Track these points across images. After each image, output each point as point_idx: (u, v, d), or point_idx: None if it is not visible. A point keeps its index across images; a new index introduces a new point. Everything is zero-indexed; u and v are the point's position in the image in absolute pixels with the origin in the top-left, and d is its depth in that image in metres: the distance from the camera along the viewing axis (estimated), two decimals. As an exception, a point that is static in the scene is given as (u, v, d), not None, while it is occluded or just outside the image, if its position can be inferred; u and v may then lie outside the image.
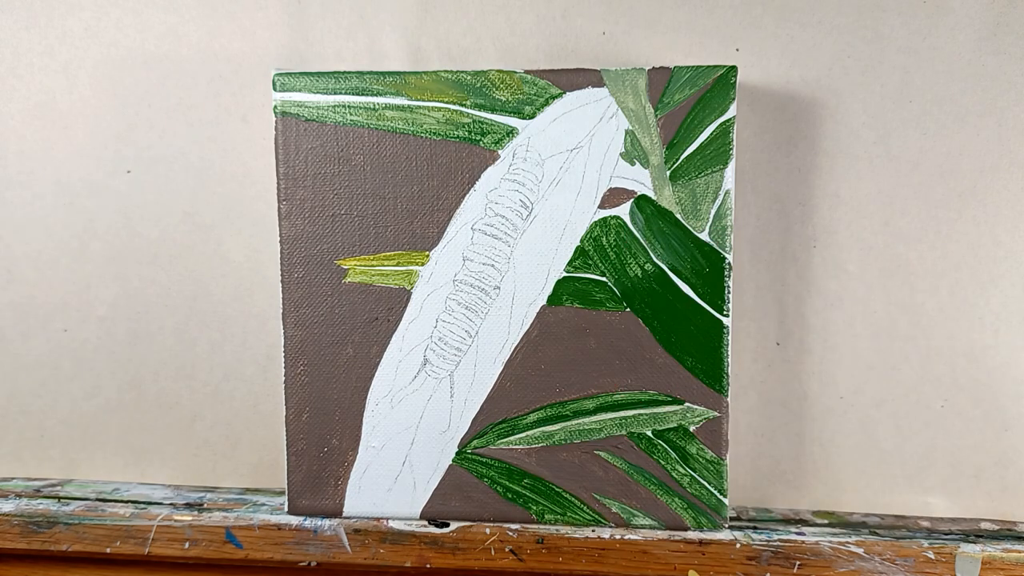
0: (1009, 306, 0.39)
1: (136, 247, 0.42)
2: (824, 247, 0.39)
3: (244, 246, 0.42)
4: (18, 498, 0.42)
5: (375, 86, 0.37)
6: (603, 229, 0.37)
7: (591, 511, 0.38)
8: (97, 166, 0.42)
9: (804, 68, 0.38)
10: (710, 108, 0.36)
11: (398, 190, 0.38)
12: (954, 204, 0.39)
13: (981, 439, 0.40)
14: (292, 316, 0.38)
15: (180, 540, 0.40)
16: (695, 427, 0.38)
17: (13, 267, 0.43)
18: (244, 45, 0.40)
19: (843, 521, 0.40)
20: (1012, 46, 0.38)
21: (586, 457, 0.38)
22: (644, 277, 0.37)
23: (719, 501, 0.38)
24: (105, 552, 0.40)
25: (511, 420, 0.38)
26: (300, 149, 0.38)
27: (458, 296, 0.38)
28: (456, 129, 0.37)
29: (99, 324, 0.43)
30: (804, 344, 0.40)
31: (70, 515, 0.41)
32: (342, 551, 0.39)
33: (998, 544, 0.38)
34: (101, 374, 0.43)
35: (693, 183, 0.36)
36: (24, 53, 0.41)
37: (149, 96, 0.41)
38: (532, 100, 0.37)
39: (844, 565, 0.38)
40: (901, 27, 0.38)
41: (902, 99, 0.38)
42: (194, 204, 0.42)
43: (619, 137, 0.37)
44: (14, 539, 0.41)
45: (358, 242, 0.38)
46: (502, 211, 0.37)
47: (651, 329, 0.37)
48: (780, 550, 0.38)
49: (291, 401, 0.39)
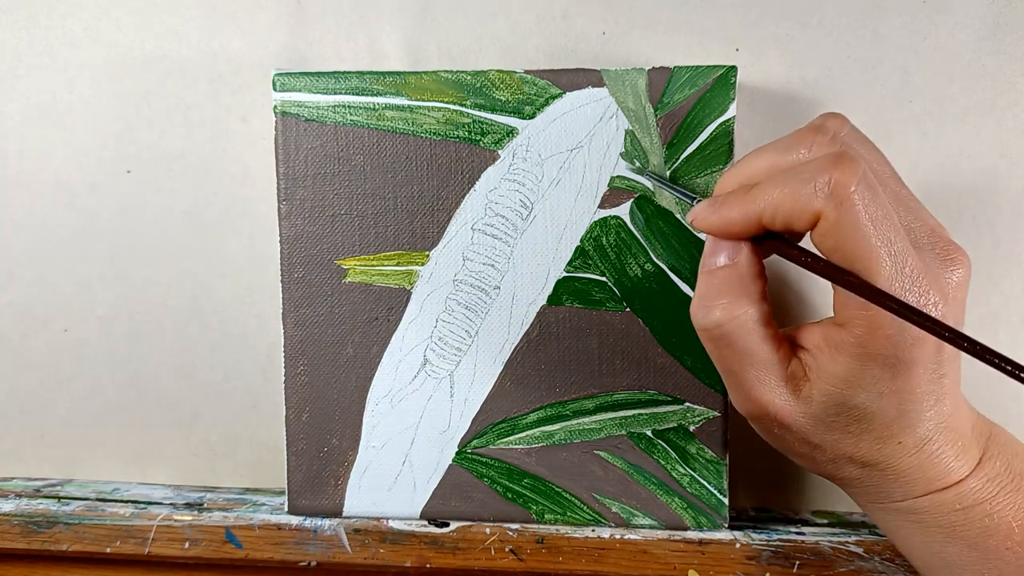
0: (1009, 306, 0.39)
1: (136, 247, 0.42)
2: (824, 247, 0.39)
3: (244, 246, 0.42)
4: (18, 498, 0.42)
5: (375, 86, 0.37)
6: (603, 229, 0.37)
7: (591, 511, 0.38)
8: (97, 166, 0.42)
9: (804, 68, 0.38)
10: (710, 108, 0.36)
11: (398, 190, 0.38)
12: (954, 204, 0.39)
13: (981, 439, 0.40)
14: (292, 316, 0.38)
15: (180, 540, 0.40)
16: (695, 427, 0.38)
17: (13, 267, 0.43)
18: (244, 45, 0.40)
19: (843, 521, 0.40)
20: (1012, 46, 0.38)
21: (586, 457, 0.38)
22: (644, 277, 0.37)
23: (719, 501, 0.38)
24: (105, 552, 0.40)
25: (511, 420, 0.38)
26: (300, 149, 0.38)
27: (458, 296, 0.38)
28: (456, 129, 0.37)
29: (99, 324, 0.43)
30: (804, 344, 0.40)
31: (70, 515, 0.41)
32: (342, 551, 0.39)
33: (998, 544, 0.38)
34: (101, 374, 0.43)
35: (693, 183, 0.36)
36: (24, 53, 0.41)
37: (149, 96, 0.41)
38: (532, 100, 0.37)
39: (844, 565, 0.38)
40: (901, 27, 0.38)
41: (902, 99, 0.38)
42: (194, 204, 0.42)
43: (619, 137, 0.37)
44: (14, 539, 0.41)
45: (358, 242, 0.38)
46: (502, 211, 0.37)
47: (651, 329, 0.37)
48: (780, 550, 0.38)
49: (291, 401, 0.39)
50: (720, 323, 0.30)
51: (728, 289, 0.30)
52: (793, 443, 0.31)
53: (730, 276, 0.30)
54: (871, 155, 0.30)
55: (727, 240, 0.30)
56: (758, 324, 0.30)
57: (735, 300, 0.30)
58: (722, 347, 0.31)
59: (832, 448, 0.30)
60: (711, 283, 0.31)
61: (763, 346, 0.30)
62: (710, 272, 0.31)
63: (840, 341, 0.28)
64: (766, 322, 0.30)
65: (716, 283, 0.30)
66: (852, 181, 0.26)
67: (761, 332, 0.30)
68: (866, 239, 0.27)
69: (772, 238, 0.30)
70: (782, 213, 0.28)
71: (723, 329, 0.30)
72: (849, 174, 0.27)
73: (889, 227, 0.27)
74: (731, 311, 0.30)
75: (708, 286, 0.31)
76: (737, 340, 0.30)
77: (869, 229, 0.27)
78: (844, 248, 0.27)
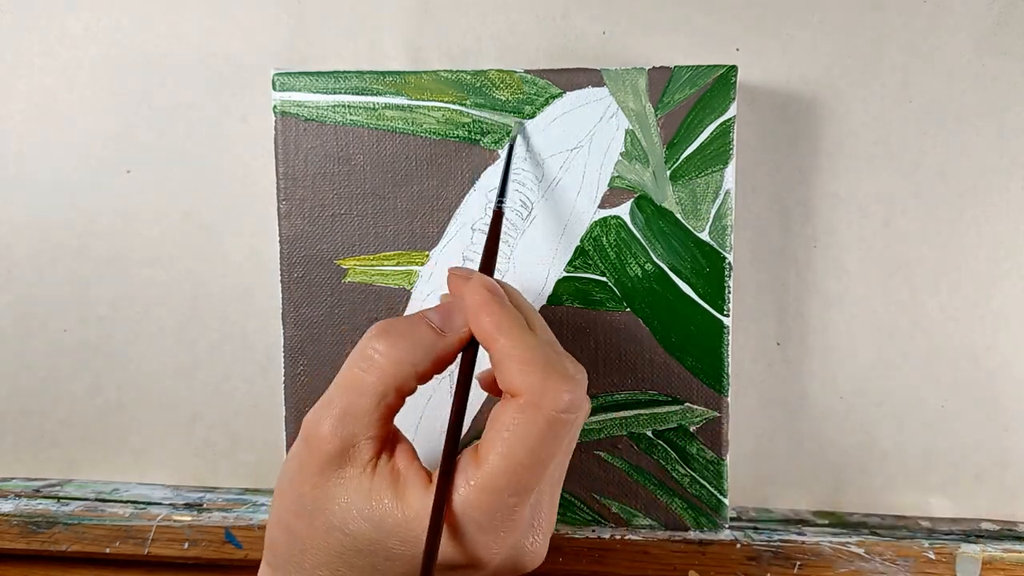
0: (1009, 306, 0.39)
1: (136, 247, 0.42)
2: (824, 247, 0.39)
3: (244, 246, 0.42)
4: (18, 498, 0.42)
5: (375, 86, 0.37)
6: (603, 229, 0.37)
7: (591, 511, 0.38)
8: (97, 166, 0.42)
9: (804, 68, 0.38)
10: (710, 108, 0.36)
11: (398, 190, 0.38)
12: (954, 204, 0.39)
13: (981, 439, 0.40)
14: (292, 316, 0.38)
15: (180, 540, 0.40)
16: (695, 427, 0.38)
17: (13, 267, 0.43)
18: (244, 45, 0.40)
19: (843, 521, 0.40)
20: (1012, 46, 0.38)
21: (586, 457, 0.38)
22: (644, 277, 0.37)
23: (719, 501, 0.38)
24: (104, 552, 0.40)
25: (511, 420, 0.38)
26: (300, 149, 0.38)
27: (458, 296, 0.38)
28: (456, 129, 0.37)
29: (99, 324, 0.43)
30: (804, 344, 0.40)
31: (70, 515, 0.41)
32: (342, 551, 0.39)
33: (998, 544, 0.38)
34: (101, 374, 0.43)
35: (693, 183, 0.36)
36: (24, 53, 0.41)
37: (149, 96, 0.41)
38: (532, 100, 0.37)
39: (844, 565, 0.38)
40: (901, 27, 0.38)
41: (902, 99, 0.38)
42: (194, 204, 0.42)
43: (619, 137, 0.37)
44: (14, 539, 0.41)
45: (358, 242, 0.38)
46: (502, 211, 0.37)
47: (651, 329, 0.37)
48: (780, 550, 0.38)
49: (291, 401, 0.38)
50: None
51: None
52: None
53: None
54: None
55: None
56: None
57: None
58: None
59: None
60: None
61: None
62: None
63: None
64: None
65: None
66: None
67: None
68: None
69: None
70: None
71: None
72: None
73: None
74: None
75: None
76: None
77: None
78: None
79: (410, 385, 0.29)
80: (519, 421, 0.26)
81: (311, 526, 0.28)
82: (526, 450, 0.26)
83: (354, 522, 0.27)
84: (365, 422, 0.28)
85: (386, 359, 0.28)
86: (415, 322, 0.29)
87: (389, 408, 0.28)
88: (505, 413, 0.27)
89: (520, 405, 0.27)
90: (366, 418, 0.28)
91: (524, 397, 0.27)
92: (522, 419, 0.26)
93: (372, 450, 0.28)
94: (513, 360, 0.27)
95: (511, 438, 0.26)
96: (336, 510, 0.27)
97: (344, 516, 0.27)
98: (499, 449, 0.26)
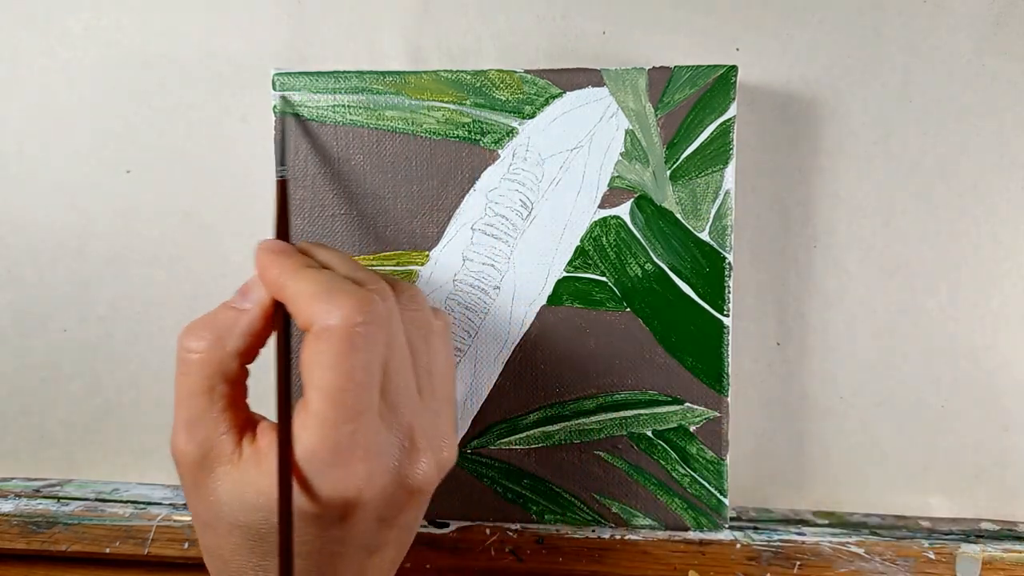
0: (1009, 306, 0.39)
1: (136, 247, 0.42)
2: (824, 247, 0.39)
3: (244, 246, 0.42)
4: (17, 498, 0.42)
5: (375, 86, 0.37)
6: (603, 229, 0.37)
7: (591, 511, 0.38)
8: (97, 166, 0.42)
9: (804, 68, 0.38)
10: (710, 108, 0.36)
11: (398, 190, 0.38)
12: (954, 204, 0.39)
13: (981, 439, 0.40)
14: (292, 316, 0.38)
15: (179, 540, 0.40)
16: (695, 427, 0.38)
17: (13, 267, 0.43)
18: (244, 45, 0.40)
19: (843, 521, 0.40)
20: (1012, 46, 0.38)
21: (586, 457, 0.38)
22: (644, 277, 0.37)
23: (719, 501, 0.38)
24: (104, 552, 0.40)
25: (511, 420, 0.38)
26: (300, 149, 0.38)
27: (458, 296, 0.38)
28: (456, 129, 0.37)
29: (99, 324, 0.43)
30: (804, 344, 0.40)
31: (70, 515, 0.41)
32: (342, 551, 0.39)
33: (998, 544, 0.38)
34: (101, 374, 0.43)
35: (693, 183, 0.36)
36: (24, 53, 0.41)
37: (149, 96, 0.41)
38: (532, 100, 0.37)
39: (844, 565, 0.38)
40: (901, 27, 0.38)
41: (902, 99, 0.38)
42: (194, 204, 0.42)
43: (619, 136, 0.37)
44: (13, 539, 0.41)
45: (358, 242, 0.38)
46: (502, 211, 0.37)
47: (651, 329, 0.37)
48: (780, 550, 0.38)
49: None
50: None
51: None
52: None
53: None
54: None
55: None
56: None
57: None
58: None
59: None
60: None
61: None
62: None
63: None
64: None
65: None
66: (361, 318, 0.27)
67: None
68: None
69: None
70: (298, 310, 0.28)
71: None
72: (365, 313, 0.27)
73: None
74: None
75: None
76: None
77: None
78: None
79: (233, 368, 0.29)
80: (318, 349, 0.26)
81: (217, 536, 0.28)
82: (335, 373, 0.26)
83: (243, 513, 0.27)
84: (210, 421, 0.28)
85: (199, 354, 0.28)
86: (216, 310, 0.30)
87: (227, 398, 0.28)
88: (306, 349, 0.27)
89: (314, 333, 0.27)
90: (208, 417, 0.28)
91: (315, 326, 0.27)
92: (319, 346, 0.26)
93: (231, 442, 0.28)
94: (301, 298, 0.28)
95: (317, 368, 0.26)
96: (226, 510, 0.28)
97: (233, 511, 0.27)
98: (313, 383, 0.27)
